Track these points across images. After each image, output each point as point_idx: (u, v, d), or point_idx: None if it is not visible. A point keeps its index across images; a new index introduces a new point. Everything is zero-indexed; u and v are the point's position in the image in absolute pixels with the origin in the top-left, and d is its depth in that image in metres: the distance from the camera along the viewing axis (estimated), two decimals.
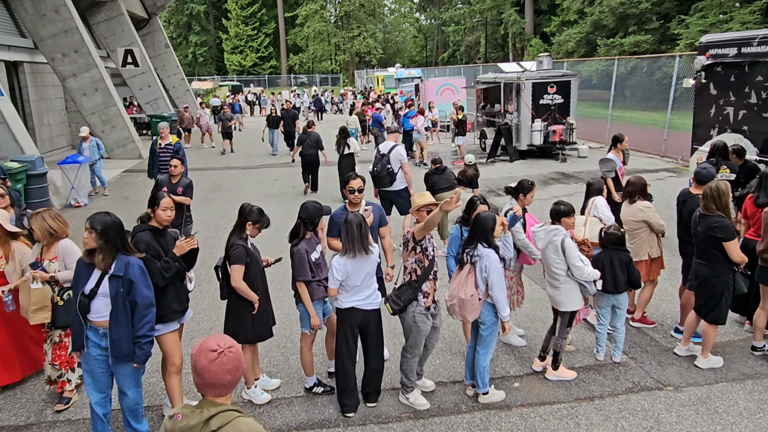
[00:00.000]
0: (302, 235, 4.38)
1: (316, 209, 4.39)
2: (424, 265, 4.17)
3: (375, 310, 4.28)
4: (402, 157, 8.32)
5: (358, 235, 4.01)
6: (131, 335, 3.57)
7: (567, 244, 4.49)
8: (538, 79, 15.47)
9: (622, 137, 7.82)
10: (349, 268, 4.09)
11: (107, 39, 22.93)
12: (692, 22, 25.33)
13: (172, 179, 7.16)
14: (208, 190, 12.90)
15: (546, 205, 11.36)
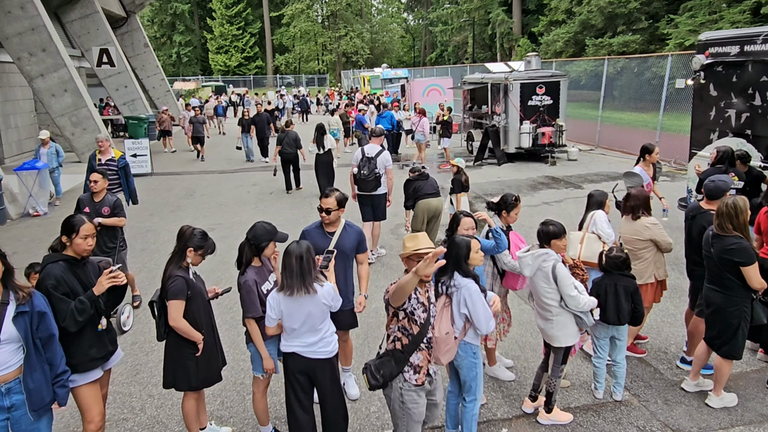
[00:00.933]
0: (248, 260, 3.74)
1: (265, 231, 3.74)
2: (412, 333, 3.24)
3: (325, 360, 3.54)
4: (388, 163, 7.87)
5: (298, 270, 3.33)
6: (49, 377, 2.97)
7: (559, 270, 3.89)
8: (527, 80, 14.93)
9: (652, 147, 6.69)
10: (283, 307, 3.43)
11: (81, 38, 22.10)
12: (681, 22, 24.99)
13: (95, 197, 5.84)
14: (179, 196, 12.18)
15: (535, 212, 10.97)
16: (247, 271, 3.73)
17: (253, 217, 10.16)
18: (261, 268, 3.80)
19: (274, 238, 3.74)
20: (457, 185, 8.06)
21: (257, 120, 16.32)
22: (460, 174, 8.14)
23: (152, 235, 9.22)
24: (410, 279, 3.00)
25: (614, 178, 12.69)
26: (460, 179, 8.09)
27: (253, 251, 3.74)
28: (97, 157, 7.90)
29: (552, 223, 4.07)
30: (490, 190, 12.00)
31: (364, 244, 4.40)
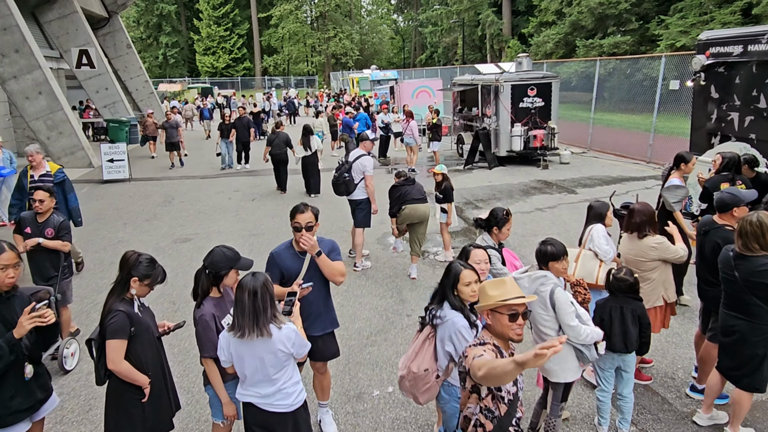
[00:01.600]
0: (205, 290, 3.26)
1: (225, 257, 3.26)
2: (498, 415, 2.51)
3: (285, 414, 3.02)
4: (366, 168, 7.48)
5: (251, 308, 2.83)
6: None
7: (558, 296, 3.44)
8: (518, 81, 14.54)
9: (689, 157, 5.98)
10: (233, 350, 2.93)
11: (60, 38, 21.43)
12: (672, 23, 24.78)
13: (38, 218, 5.13)
14: (157, 203, 11.63)
15: (528, 219, 10.49)
16: (204, 304, 3.24)
17: (233, 225, 9.66)
18: (221, 300, 3.32)
19: (235, 266, 3.26)
20: (448, 194, 7.60)
21: (238, 124, 15.31)
22: (448, 181, 7.68)
23: (123, 247, 8.67)
24: (511, 370, 2.17)
25: (608, 183, 12.33)
26: (449, 187, 7.63)
27: (210, 280, 3.26)
28: (29, 173, 6.89)
29: (551, 242, 3.61)
30: (480, 195, 11.57)
31: (336, 253, 3.92)
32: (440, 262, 7.73)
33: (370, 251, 8.25)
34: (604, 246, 4.49)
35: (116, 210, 11.07)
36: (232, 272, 3.24)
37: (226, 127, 15.36)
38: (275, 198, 11.92)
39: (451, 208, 7.71)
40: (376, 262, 7.83)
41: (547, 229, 9.10)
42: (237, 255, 3.27)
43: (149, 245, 8.69)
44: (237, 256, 3.26)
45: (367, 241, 8.54)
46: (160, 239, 9.02)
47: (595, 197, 11.11)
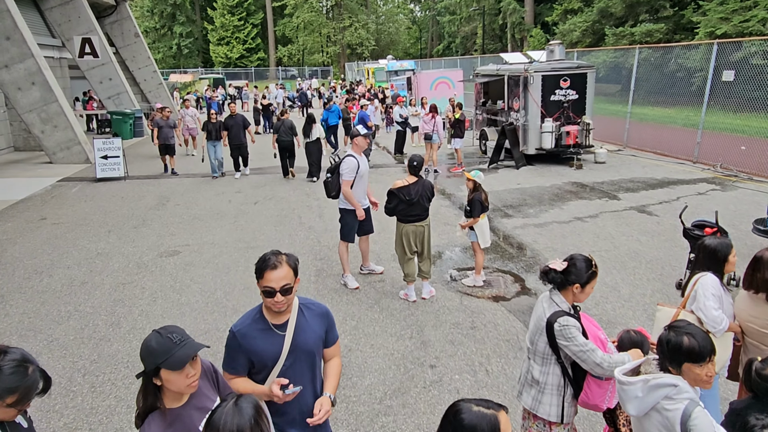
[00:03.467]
0: (149, 405, 2.06)
1: (148, 352, 2.03)
2: None
3: None
4: (345, 171, 6.30)
5: None
6: None
7: (697, 423, 2.14)
8: (549, 72, 13.15)
9: None
10: None
11: (62, 26, 20.45)
12: (711, 9, 23.00)
13: None
14: (149, 206, 10.52)
15: (568, 231, 8.66)
16: (148, 426, 2.04)
17: (229, 235, 8.50)
18: (180, 412, 2.11)
19: (162, 364, 2.02)
20: (477, 207, 6.33)
21: (230, 124, 12.56)
22: (480, 192, 6.40)
23: (102, 261, 7.57)
24: None
25: (654, 186, 10.94)
26: (480, 199, 6.35)
27: (152, 389, 2.05)
28: None
29: (688, 330, 2.31)
30: (509, 201, 10.27)
31: (334, 331, 2.72)
32: (469, 287, 6.49)
33: (385, 267, 7.03)
34: (714, 312, 3.18)
35: (103, 214, 9.99)
36: (171, 374, 2.02)
37: (213, 126, 12.59)
38: (280, 201, 10.75)
39: (482, 225, 6.44)
40: (392, 285, 6.60)
41: (592, 244, 7.79)
42: (168, 345, 2.02)
43: (131, 259, 7.56)
44: (167, 347, 2.01)
45: (379, 255, 7.32)
46: (145, 252, 7.89)
47: (641, 203, 9.79)
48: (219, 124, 12.69)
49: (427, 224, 6.14)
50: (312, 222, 9.26)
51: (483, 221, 6.46)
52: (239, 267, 7.21)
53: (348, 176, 6.31)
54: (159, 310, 5.98)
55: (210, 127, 12.66)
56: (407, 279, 6.15)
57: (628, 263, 7.04)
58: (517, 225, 8.81)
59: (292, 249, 7.84)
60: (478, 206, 6.35)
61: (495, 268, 7.08)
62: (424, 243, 6.11)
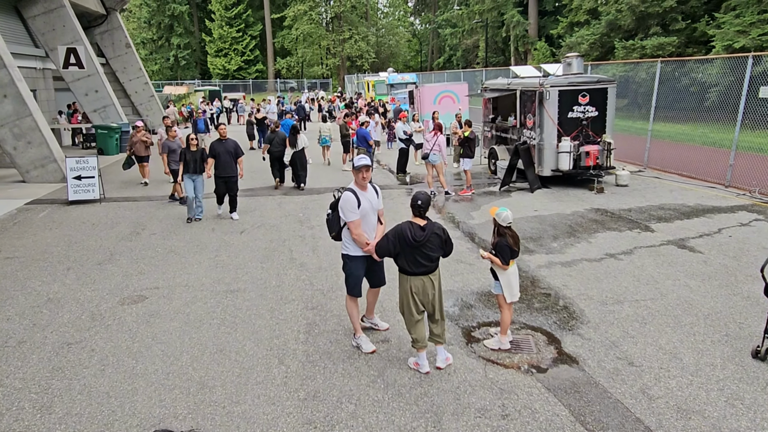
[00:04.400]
0: None
1: None
2: None
3: None
4: (345, 211, 5.11)
5: None
6: None
7: None
8: (567, 86, 12.04)
9: None
10: None
11: (46, 35, 19.39)
12: (727, 22, 22.02)
13: None
14: (121, 236, 9.30)
15: (601, 272, 7.20)
16: None
17: (208, 273, 7.30)
18: None
19: None
20: (506, 253, 5.13)
21: (218, 150, 9.76)
22: (505, 237, 5.18)
23: (50, 310, 6.34)
24: None
25: (688, 215, 9.76)
26: (508, 244, 5.15)
27: None
28: None
29: None
30: (528, 231, 9.07)
31: None
32: (493, 351, 5.27)
33: (390, 322, 5.81)
34: None
35: (67, 246, 8.78)
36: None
37: (192, 156, 9.74)
38: (269, 230, 9.55)
39: (509, 275, 5.23)
40: (399, 347, 5.38)
41: (633, 290, 6.59)
42: None
43: (85, 308, 6.34)
44: None
45: (382, 303, 6.10)
46: (104, 297, 6.66)
47: (678, 236, 8.59)
48: (201, 153, 9.85)
49: (437, 276, 4.95)
50: (304, 257, 8.05)
51: (512, 270, 5.25)
52: (213, 320, 5.98)
53: (351, 216, 5.09)
54: (106, 384, 4.74)
55: (188, 157, 9.75)
56: (417, 345, 4.93)
57: (682, 318, 5.84)
58: (540, 263, 7.61)
59: (279, 294, 6.64)
60: (506, 252, 5.15)
61: (522, 322, 5.86)
62: (435, 302, 4.91)
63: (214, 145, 9.88)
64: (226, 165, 9.86)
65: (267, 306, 6.34)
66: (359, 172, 5.13)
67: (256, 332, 5.69)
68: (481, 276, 7.15)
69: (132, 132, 13.50)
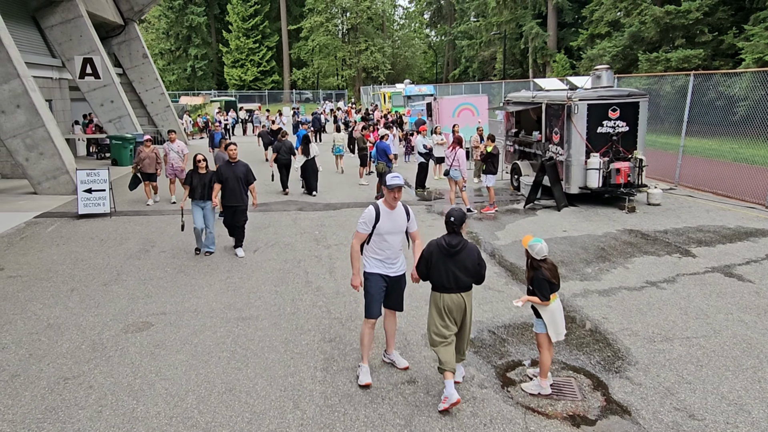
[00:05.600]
0: None
1: None
2: None
3: None
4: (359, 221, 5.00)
5: None
6: None
7: None
8: (596, 100, 11.49)
9: None
10: None
11: (62, 45, 19.31)
12: (757, 34, 21.33)
13: None
14: (130, 254, 8.88)
15: (643, 302, 6.47)
16: None
17: (218, 298, 6.85)
18: None
19: None
20: (544, 287, 4.59)
21: (227, 175, 8.36)
22: (541, 269, 4.64)
23: (50, 337, 5.90)
24: None
25: (730, 238, 9.12)
26: (545, 278, 4.61)
27: None
28: None
29: None
30: (558, 254, 8.50)
31: None
32: (533, 396, 4.71)
33: (416, 361, 5.28)
34: None
35: (73, 264, 8.39)
36: None
37: (200, 180, 8.47)
38: (284, 248, 9.08)
39: (553, 310, 4.69)
40: (427, 388, 4.84)
41: (681, 324, 5.99)
42: None
43: (86, 336, 5.89)
44: None
45: (405, 335, 5.56)
46: (107, 323, 6.21)
47: (723, 263, 7.95)
48: (210, 177, 8.55)
49: (470, 296, 4.66)
50: (321, 280, 7.56)
51: (555, 305, 4.71)
52: (223, 352, 5.50)
53: (360, 227, 4.86)
54: (102, 430, 4.26)
55: (195, 182, 8.47)
56: (445, 368, 4.51)
57: (742, 360, 5.23)
58: (576, 291, 7.04)
59: (294, 323, 6.15)
60: (545, 287, 4.61)
61: (561, 362, 5.29)
62: (466, 319, 4.65)
63: (221, 168, 8.49)
64: (234, 192, 8.43)
65: (281, 337, 5.84)
66: (392, 192, 4.80)
67: (268, 368, 5.19)
68: (512, 305, 6.59)
69: (140, 147, 12.27)
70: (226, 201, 8.49)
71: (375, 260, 4.90)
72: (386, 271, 4.90)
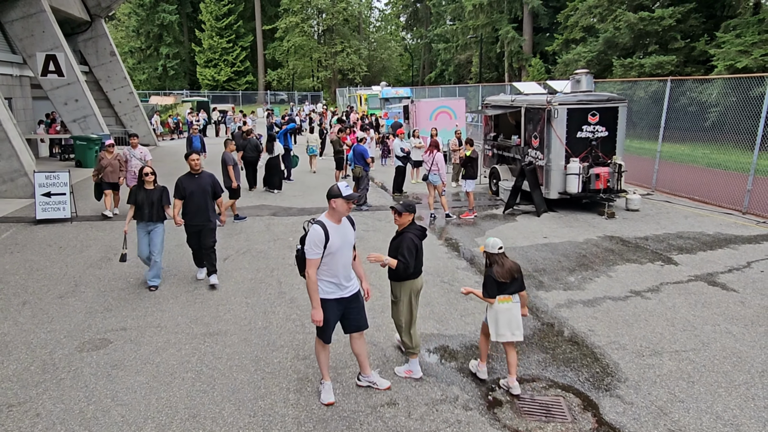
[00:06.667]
0: None
1: None
2: None
3: None
4: (308, 246, 4.37)
5: None
6: None
7: None
8: (576, 104, 11.36)
9: None
10: None
11: (24, 41, 18.44)
12: (728, 41, 21.68)
13: None
14: (89, 262, 8.34)
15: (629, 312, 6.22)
16: None
17: (183, 312, 6.40)
18: None
19: None
20: (490, 285, 4.67)
21: (190, 189, 7.04)
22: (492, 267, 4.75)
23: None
24: None
25: (710, 245, 9.05)
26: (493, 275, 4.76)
27: None
28: None
29: None
30: (540, 262, 8.28)
31: None
32: (521, 420, 4.42)
33: (395, 381, 4.95)
34: None
35: (27, 273, 7.82)
36: None
37: (147, 197, 6.98)
38: (256, 256, 8.66)
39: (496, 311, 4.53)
40: (408, 411, 4.51)
41: (669, 336, 5.80)
42: None
43: (37, 355, 5.40)
44: None
45: (388, 356, 5.23)
46: (61, 341, 5.72)
47: (706, 270, 7.83)
48: (160, 194, 7.05)
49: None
50: (295, 291, 7.18)
51: (502, 307, 4.72)
52: (188, 372, 5.08)
53: (311, 253, 4.32)
54: None
55: (140, 199, 6.94)
56: (412, 352, 5.03)
57: (734, 376, 5.04)
58: (560, 302, 6.81)
59: (265, 338, 5.77)
60: (490, 284, 4.71)
61: (549, 379, 5.02)
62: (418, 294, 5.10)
63: (182, 181, 7.09)
64: (200, 208, 7.08)
65: (251, 354, 5.45)
66: (349, 203, 4.38)
67: (237, 390, 4.79)
68: None
69: (101, 153, 10.94)
70: (190, 220, 7.14)
71: (329, 284, 4.44)
72: (342, 293, 4.50)
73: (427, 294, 6.77)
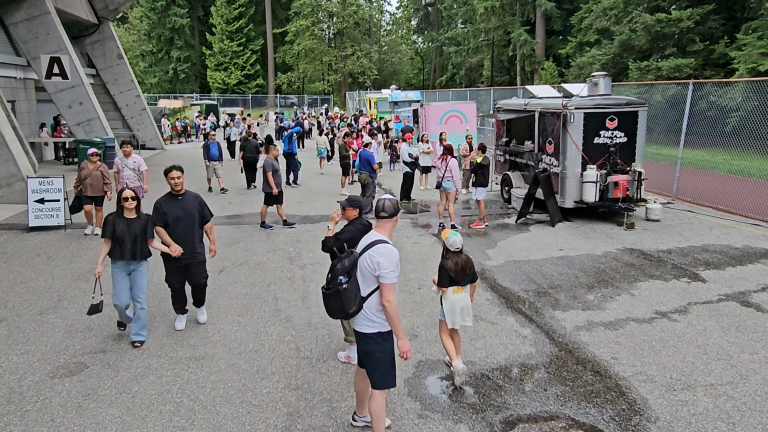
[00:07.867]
0: None
1: None
2: None
3: None
4: (383, 270, 3.65)
5: None
6: None
7: None
8: (593, 109, 10.78)
9: None
10: None
11: (28, 43, 18.20)
12: (749, 43, 20.94)
13: None
14: (77, 274, 7.90)
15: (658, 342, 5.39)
16: None
17: (170, 330, 5.91)
18: None
19: None
20: (443, 276, 4.62)
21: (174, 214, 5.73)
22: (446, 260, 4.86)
23: None
24: None
25: (738, 259, 8.42)
26: (443, 266, 4.00)
27: None
28: None
29: None
30: (555, 278, 7.70)
31: None
32: None
33: (395, 417, 4.42)
34: None
35: (9, 286, 7.40)
36: None
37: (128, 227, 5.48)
38: (254, 268, 8.18)
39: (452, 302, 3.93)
40: None
41: (702, 367, 5.21)
42: None
43: (5, 381, 4.93)
44: None
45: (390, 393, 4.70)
46: (34, 364, 5.26)
47: (737, 289, 7.20)
48: (144, 224, 5.59)
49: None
50: (292, 308, 6.67)
51: (456, 297, 4.94)
52: (167, 404, 4.58)
53: (394, 277, 3.68)
54: None
55: (119, 229, 5.44)
56: (350, 339, 5.25)
57: None
58: (578, 323, 6.24)
59: (255, 364, 5.27)
60: (443, 274, 4.95)
61: (569, 417, 4.46)
62: None
63: (162, 204, 5.73)
64: (187, 237, 5.77)
65: (238, 383, 4.95)
66: (392, 219, 3.95)
67: (218, 428, 4.29)
68: (508, 340, 5.78)
69: (83, 163, 9.75)
70: (176, 263, 5.84)
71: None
72: None
73: (434, 314, 6.25)
